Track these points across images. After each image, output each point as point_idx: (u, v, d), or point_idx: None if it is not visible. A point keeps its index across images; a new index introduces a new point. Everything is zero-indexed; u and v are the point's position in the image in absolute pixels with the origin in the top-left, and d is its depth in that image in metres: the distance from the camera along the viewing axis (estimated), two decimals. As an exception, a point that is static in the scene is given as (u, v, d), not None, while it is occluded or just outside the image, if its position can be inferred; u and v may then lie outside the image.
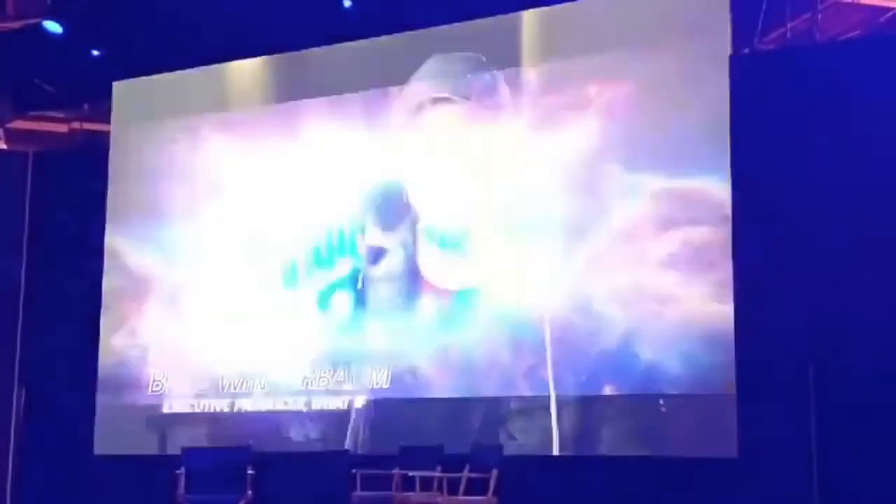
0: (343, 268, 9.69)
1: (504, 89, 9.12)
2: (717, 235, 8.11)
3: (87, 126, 11.99)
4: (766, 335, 7.84)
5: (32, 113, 11.81)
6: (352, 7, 9.53)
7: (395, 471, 8.43)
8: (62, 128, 12.25)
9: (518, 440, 8.70)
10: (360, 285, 9.59)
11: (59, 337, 10.60)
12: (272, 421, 9.76)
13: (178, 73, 10.53)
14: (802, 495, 7.52)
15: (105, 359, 10.48)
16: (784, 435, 7.66)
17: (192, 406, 10.13)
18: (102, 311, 10.57)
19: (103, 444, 10.35)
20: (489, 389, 8.92)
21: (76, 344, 10.55)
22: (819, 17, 8.76)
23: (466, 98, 9.27)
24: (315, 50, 9.97)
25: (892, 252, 7.64)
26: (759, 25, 8.79)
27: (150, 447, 10.14)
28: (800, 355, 7.65)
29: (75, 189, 10.86)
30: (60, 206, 10.77)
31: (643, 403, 8.25)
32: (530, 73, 9.05)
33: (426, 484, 8.24)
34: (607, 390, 8.45)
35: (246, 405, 9.92)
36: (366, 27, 9.63)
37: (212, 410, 10.04)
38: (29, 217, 10.76)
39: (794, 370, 7.65)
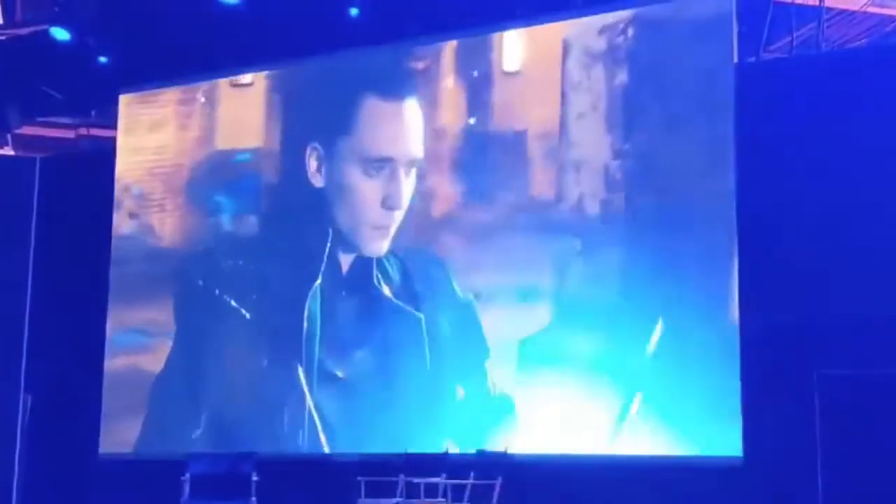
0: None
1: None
2: (722, 240, 8.11)
3: (94, 132, 12.05)
4: (770, 339, 7.86)
5: (40, 119, 11.85)
6: (359, 16, 9.55)
7: (400, 477, 8.45)
8: (69, 134, 12.31)
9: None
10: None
11: (64, 341, 10.62)
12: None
13: (184, 86, 10.64)
14: (807, 499, 7.54)
15: (111, 363, 10.52)
16: (789, 438, 7.68)
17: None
18: (108, 314, 10.61)
19: (108, 447, 10.40)
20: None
21: (82, 348, 10.58)
22: (824, 26, 8.78)
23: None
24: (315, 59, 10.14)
25: (897, 258, 7.68)
26: (765, 34, 8.81)
27: (154, 451, 10.15)
28: (804, 360, 7.68)
29: (82, 195, 10.89)
30: (67, 211, 10.79)
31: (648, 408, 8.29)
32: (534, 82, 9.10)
33: (431, 491, 8.25)
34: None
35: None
36: (372, 36, 9.66)
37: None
38: (36, 222, 10.78)
39: (798, 374, 7.68)
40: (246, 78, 10.53)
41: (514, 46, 9.44)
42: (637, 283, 8.46)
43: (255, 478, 8.90)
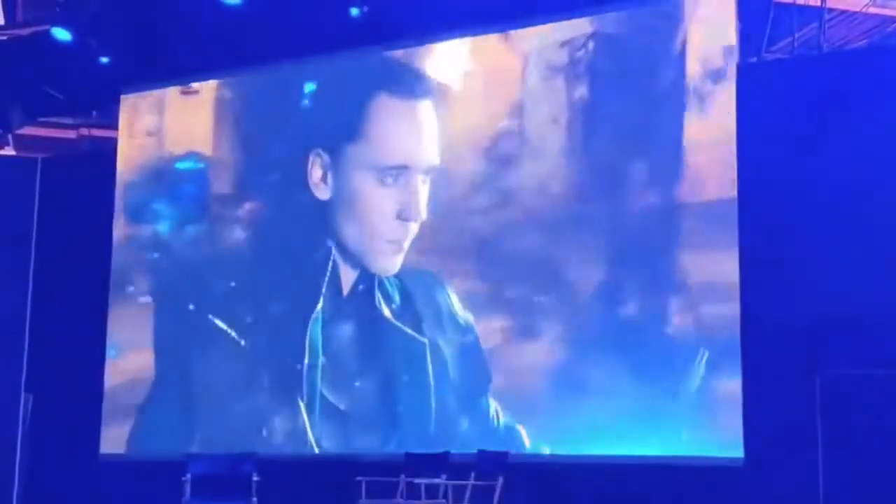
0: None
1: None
2: (723, 241, 8.10)
3: (95, 132, 12.06)
4: (771, 340, 7.86)
5: (41, 119, 11.86)
6: (360, 16, 9.53)
7: (401, 478, 8.45)
8: (71, 134, 12.32)
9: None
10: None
11: (65, 342, 10.62)
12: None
13: (185, 86, 10.61)
14: (809, 500, 7.53)
15: (112, 363, 10.51)
16: (791, 439, 7.68)
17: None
18: (109, 314, 10.61)
19: (109, 447, 10.40)
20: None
21: (83, 349, 10.58)
22: (825, 26, 8.78)
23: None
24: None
25: (898, 257, 7.68)
26: (766, 35, 8.80)
27: (155, 452, 10.15)
28: (806, 360, 7.68)
29: (83, 195, 10.90)
30: (69, 212, 10.80)
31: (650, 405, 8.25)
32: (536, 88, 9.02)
33: (432, 491, 8.25)
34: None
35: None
36: (373, 36, 9.64)
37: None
38: (37, 223, 10.77)
39: (800, 375, 7.68)
40: (232, 82, 10.21)
41: (469, 56, 9.20)
42: (632, 288, 8.45)
43: (255, 478, 8.90)
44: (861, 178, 7.80)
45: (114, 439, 10.39)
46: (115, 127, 11.14)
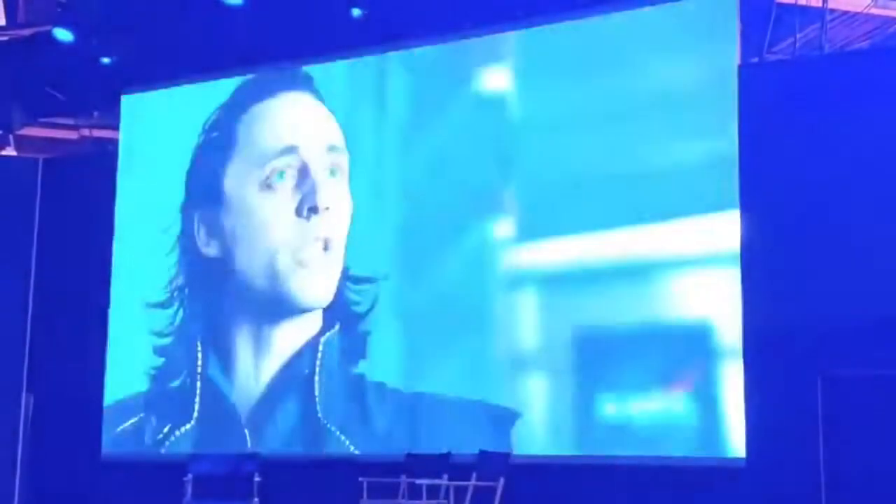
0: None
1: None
2: (725, 243, 8.10)
3: (97, 133, 12.05)
4: (773, 340, 7.87)
5: (42, 120, 11.86)
6: (361, 17, 9.53)
7: (402, 479, 8.45)
8: (72, 135, 12.30)
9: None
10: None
11: (66, 342, 10.63)
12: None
13: (187, 85, 10.62)
14: (810, 501, 7.55)
15: (112, 365, 10.52)
16: (792, 440, 7.69)
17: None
18: (110, 315, 10.61)
19: (110, 447, 10.40)
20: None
21: (83, 349, 10.58)
22: (827, 27, 8.78)
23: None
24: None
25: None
26: (768, 36, 8.81)
27: (157, 452, 10.14)
28: (807, 361, 7.69)
29: (84, 196, 10.90)
30: (70, 212, 10.81)
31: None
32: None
33: (433, 492, 8.26)
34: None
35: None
36: (374, 37, 9.64)
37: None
38: (38, 223, 10.81)
39: (801, 376, 7.69)
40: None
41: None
42: (632, 292, 8.43)
43: (257, 478, 8.92)
44: (863, 178, 7.80)
45: (114, 440, 10.39)
46: (116, 127, 11.13)
